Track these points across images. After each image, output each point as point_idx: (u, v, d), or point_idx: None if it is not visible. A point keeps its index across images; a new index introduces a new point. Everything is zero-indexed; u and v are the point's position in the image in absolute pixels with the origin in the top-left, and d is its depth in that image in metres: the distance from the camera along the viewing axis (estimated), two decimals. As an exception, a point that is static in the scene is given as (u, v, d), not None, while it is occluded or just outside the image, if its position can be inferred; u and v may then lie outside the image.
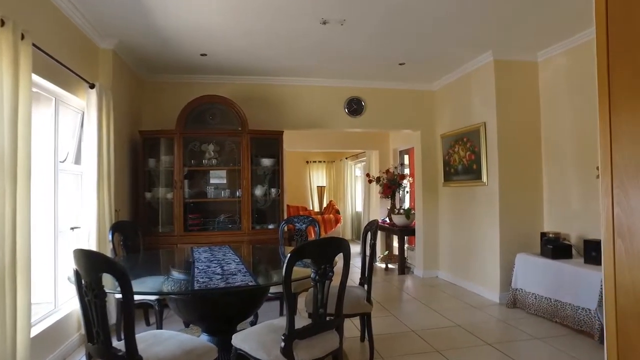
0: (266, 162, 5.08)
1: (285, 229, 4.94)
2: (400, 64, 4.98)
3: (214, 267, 2.67)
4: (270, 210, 5.21)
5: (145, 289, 2.31)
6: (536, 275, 4.01)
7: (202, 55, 4.50)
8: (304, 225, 4.10)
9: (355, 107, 5.72)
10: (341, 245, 2.12)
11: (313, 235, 4.10)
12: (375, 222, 3.21)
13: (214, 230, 4.98)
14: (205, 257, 3.07)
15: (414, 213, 6.26)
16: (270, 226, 5.04)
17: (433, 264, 5.93)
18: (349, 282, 2.44)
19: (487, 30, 3.98)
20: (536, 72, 4.71)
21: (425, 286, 5.40)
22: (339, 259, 2.19)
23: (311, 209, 11.13)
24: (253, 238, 4.87)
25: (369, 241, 3.17)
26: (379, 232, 7.55)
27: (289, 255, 1.90)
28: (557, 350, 3.23)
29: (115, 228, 3.50)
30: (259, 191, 5.05)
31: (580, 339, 3.44)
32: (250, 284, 2.18)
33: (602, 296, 3.31)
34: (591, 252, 3.66)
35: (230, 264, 2.79)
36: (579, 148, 4.18)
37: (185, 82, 5.25)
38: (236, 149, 5.05)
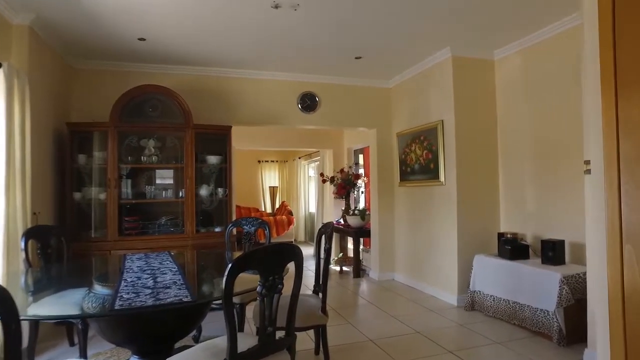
0: (213, 159, 4.67)
1: (234, 231, 4.58)
2: (356, 58, 4.76)
3: (146, 278, 2.28)
4: (217, 212, 4.81)
5: (58, 306, 1.90)
6: (494, 276, 3.92)
7: (140, 39, 4.03)
8: (252, 228, 3.76)
9: (309, 102, 5.45)
10: (292, 253, 1.82)
11: (263, 239, 3.77)
12: (330, 224, 2.94)
13: (154, 234, 4.52)
14: (137, 267, 2.66)
15: (369, 214, 6.08)
16: (217, 229, 4.65)
17: (389, 266, 5.77)
18: (302, 290, 2.15)
19: (446, 24, 3.84)
20: (493, 71, 4.65)
21: (382, 290, 5.22)
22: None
23: (263, 210, 10.74)
24: (198, 242, 4.46)
25: (324, 245, 2.89)
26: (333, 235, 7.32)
27: (229, 266, 1.57)
28: (518, 354, 3.11)
29: (30, 234, 2.98)
30: (204, 191, 4.64)
31: (539, 341, 3.36)
32: (184, 300, 1.83)
33: (560, 297, 3.24)
34: (548, 252, 3.59)
35: (165, 274, 2.41)
36: (534, 148, 4.14)
37: (122, 70, 4.73)
38: (179, 145, 4.61)
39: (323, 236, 2.95)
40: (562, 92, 3.80)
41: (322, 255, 2.91)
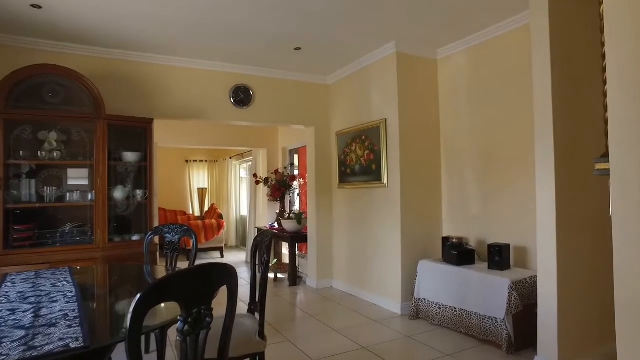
0: (130, 156, 4.04)
1: (156, 240, 4.01)
2: (296, 49, 4.38)
3: (24, 311, 1.71)
4: (135, 218, 4.17)
5: None
6: (440, 283, 3.74)
7: (34, 6, 3.30)
8: (176, 236, 3.22)
9: (242, 96, 4.97)
10: (225, 276, 1.39)
11: (191, 247, 3.24)
12: (268, 233, 2.52)
13: (55, 245, 3.78)
14: (17, 293, 2.05)
15: (305, 217, 5.73)
16: (135, 237, 4.02)
17: (327, 273, 5.46)
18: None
19: (392, 16, 3.59)
20: (436, 70, 4.51)
21: (321, 299, 4.87)
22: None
23: (191, 213, 9.98)
24: (111, 254, 3.81)
25: (261, 258, 2.47)
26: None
27: (134, 301, 1.12)
28: (469, 368, 2.92)
29: None
30: (119, 193, 3.99)
31: (488, 349, 3.21)
32: (72, 345, 1.32)
33: (510, 304, 3.10)
34: (495, 257, 3.47)
35: (55, 302, 1.85)
36: (478, 149, 4.04)
37: (11, 45, 3.88)
38: (88, 139, 3.92)
39: (260, 247, 2.53)
40: (508, 92, 3.72)
41: (259, 269, 2.49)
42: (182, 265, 2.04)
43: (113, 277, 2.82)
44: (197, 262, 1.67)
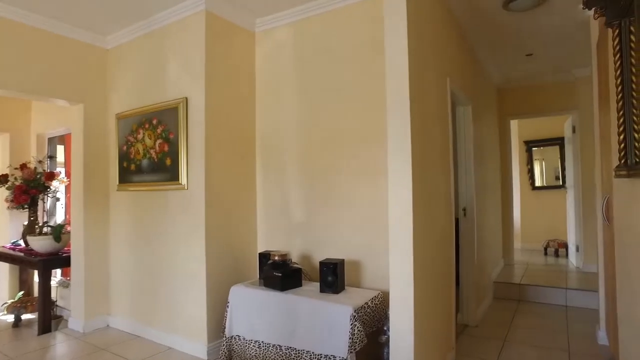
0: None
1: None
2: (47, -23, 2.87)
3: None
4: None
5: None
6: (259, 314, 2.86)
7: None
8: None
9: (-50, 42, 3.09)
10: None
11: None
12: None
13: None
14: None
15: (69, 232, 4.08)
16: None
17: (101, 307, 3.95)
18: None
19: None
20: (253, 46, 3.66)
21: (90, 351, 3.37)
22: None
23: None
24: None
25: None
26: (7, 266, 4.78)
27: None
28: None
29: None
30: None
31: (322, 399, 2.50)
32: None
33: (352, 339, 2.46)
34: (327, 276, 2.80)
35: None
36: (300, 144, 3.36)
37: None
38: None
39: None
40: (344, 77, 3.14)
41: None
42: None
43: None
44: None
